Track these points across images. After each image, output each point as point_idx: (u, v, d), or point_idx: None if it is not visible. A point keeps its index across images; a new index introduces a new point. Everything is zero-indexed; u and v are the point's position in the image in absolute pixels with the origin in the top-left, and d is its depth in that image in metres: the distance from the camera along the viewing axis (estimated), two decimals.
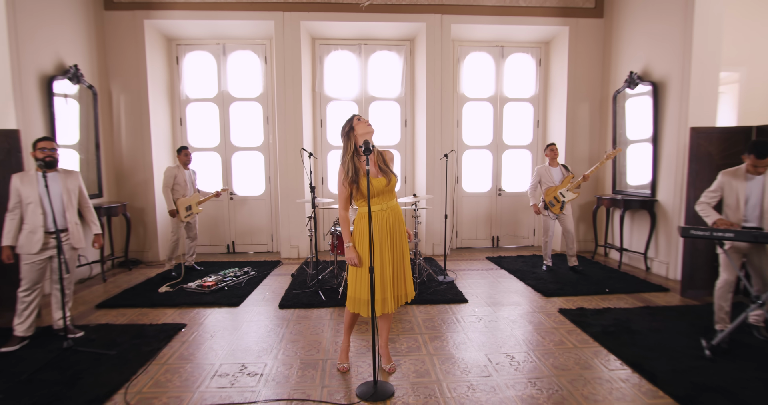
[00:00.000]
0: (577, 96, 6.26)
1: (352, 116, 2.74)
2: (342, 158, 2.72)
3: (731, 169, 3.30)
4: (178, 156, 5.28)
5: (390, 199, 2.71)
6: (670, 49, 4.95)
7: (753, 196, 3.17)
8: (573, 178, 5.02)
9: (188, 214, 5.20)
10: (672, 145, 4.98)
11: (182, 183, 5.18)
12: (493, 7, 6.02)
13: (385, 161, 2.71)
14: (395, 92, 6.59)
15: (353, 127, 2.68)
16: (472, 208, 6.86)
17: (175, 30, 6.05)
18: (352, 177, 2.63)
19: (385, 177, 2.66)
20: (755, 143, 3.04)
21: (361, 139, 2.64)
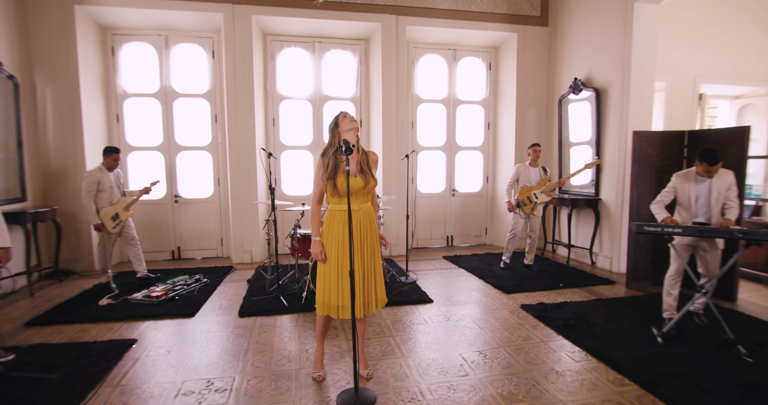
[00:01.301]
0: (525, 100, 6.53)
1: (338, 113, 2.69)
2: (324, 151, 2.63)
3: (683, 171, 3.59)
4: (104, 157, 4.68)
5: (365, 201, 2.64)
6: (611, 58, 5.30)
7: (702, 196, 3.49)
8: (549, 181, 5.20)
9: (117, 224, 4.72)
10: (613, 147, 5.33)
11: (108, 188, 4.63)
12: (446, 10, 6.12)
13: (368, 163, 2.64)
14: (350, 92, 6.50)
15: (338, 123, 2.64)
16: (427, 209, 6.93)
17: (111, 18, 5.55)
18: (330, 172, 2.55)
19: (363, 178, 2.59)
20: (706, 152, 3.32)
21: (344, 135, 2.59)
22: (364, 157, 2.63)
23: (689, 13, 6.33)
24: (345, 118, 2.62)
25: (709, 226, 3.14)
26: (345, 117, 2.63)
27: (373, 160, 2.70)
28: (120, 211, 4.75)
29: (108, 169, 4.72)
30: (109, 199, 4.66)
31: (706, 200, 3.50)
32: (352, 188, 2.54)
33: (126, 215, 4.82)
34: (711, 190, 3.45)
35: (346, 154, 2.28)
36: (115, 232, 4.73)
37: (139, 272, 4.94)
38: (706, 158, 3.32)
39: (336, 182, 2.53)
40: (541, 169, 5.34)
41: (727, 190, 3.43)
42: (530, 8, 6.42)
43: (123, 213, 4.78)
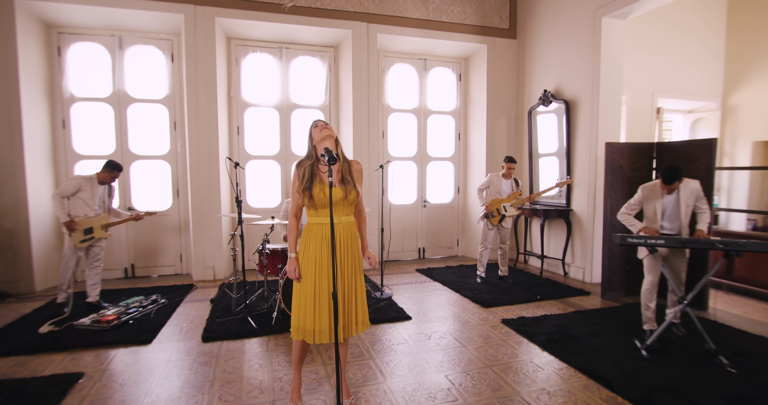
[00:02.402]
0: (495, 111, 6.54)
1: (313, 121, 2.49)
2: (299, 162, 2.42)
3: (649, 184, 3.60)
4: (103, 170, 4.32)
5: (346, 213, 2.42)
6: (580, 70, 5.38)
7: (668, 208, 3.51)
8: (519, 195, 5.15)
9: (86, 239, 4.26)
10: (584, 158, 5.38)
11: (88, 198, 4.20)
12: (417, 20, 6.06)
13: (350, 172, 2.43)
14: (319, 100, 6.28)
15: (311, 134, 2.44)
16: (399, 220, 6.77)
17: (57, 14, 5.09)
18: (306, 183, 2.33)
19: (343, 189, 2.37)
20: (664, 170, 3.36)
21: (319, 145, 2.38)
22: (346, 166, 2.43)
23: (646, 32, 6.58)
24: (316, 129, 2.42)
25: (689, 238, 3.14)
26: (316, 126, 2.43)
27: (356, 169, 2.49)
28: (96, 226, 4.30)
29: (100, 182, 4.34)
30: (85, 211, 4.22)
31: (672, 213, 3.52)
32: (333, 199, 2.32)
33: (101, 234, 4.37)
34: (679, 202, 3.48)
35: (329, 164, 2.07)
36: (81, 247, 4.26)
37: (90, 297, 4.45)
38: (664, 179, 3.37)
39: (312, 193, 2.31)
40: (513, 181, 5.31)
41: (696, 200, 3.46)
42: (499, 21, 6.47)
43: (99, 231, 4.34)
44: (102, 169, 4.35)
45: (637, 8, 4.79)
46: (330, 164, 2.06)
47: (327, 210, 2.33)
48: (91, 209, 4.31)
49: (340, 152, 2.43)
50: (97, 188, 4.32)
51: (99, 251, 4.41)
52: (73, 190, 4.22)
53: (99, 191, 4.36)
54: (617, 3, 4.80)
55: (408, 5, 6.00)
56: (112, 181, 4.42)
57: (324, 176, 2.37)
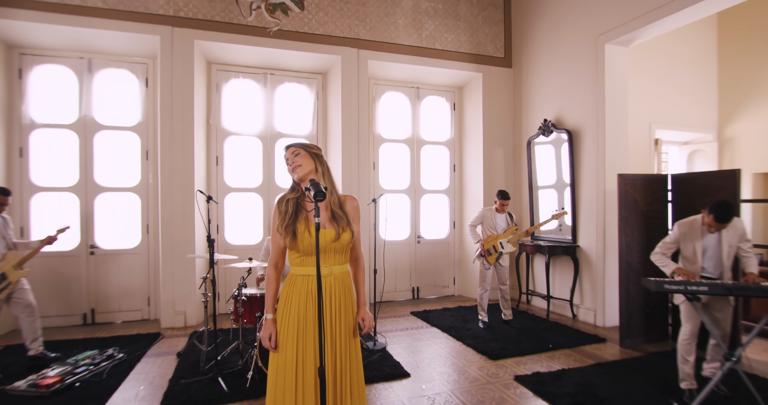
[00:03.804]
0: (492, 141, 6.22)
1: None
2: (280, 197, 1.95)
3: (687, 220, 3.20)
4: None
5: (339, 261, 1.93)
6: (582, 99, 5.11)
7: (710, 248, 3.09)
8: (516, 230, 4.73)
9: (2, 288, 3.66)
10: (590, 191, 5.02)
11: None
12: (410, 47, 5.80)
13: (341, 208, 1.96)
14: (305, 129, 5.89)
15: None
16: (391, 258, 6.26)
17: (19, 34, 4.67)
18: (289, 219, 1.85)
19: (335, 229, 1.90)
20: (718, 207, 2.93)
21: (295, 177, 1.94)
22: (335, 200, 1.96)
23: (641, 63, 6.42)
24: (287, 161, 1.98)
25: (738, 283, 2.71)
26: (286, 159, 1.99)
27: (352, 206, 2.02)
28: (8, 269, 3.68)
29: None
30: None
31: (714, 253, 3.11)
32: (320, 242, 1.84)
33: (17, 275, 3.75)
34: (721, 242, 3.07)
35: (316, 200, 1.61)
36: (1, 298, 3.65)
37: (31, 350, 3.80)
38: (718, 217, 2.92)
39: (296, 231, 1.83)
40: (508, 216, 4.91)
41: (740, 241, 3.06)
42: (494, 49, 6.26)
43: (13, 272, 3.72)
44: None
45: (640, 35, 4.58)
46: (317, 200, 1.59)
47: (312, 258, 1.85)
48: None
49: (330, 184, 1.97)
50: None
51: (24, 295, 3.79)
52: None
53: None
54: (620, 30, 4.58)
55: (400, 32, 5.75)
56: (2, 209, 3.82)
57: (312, 213, 1.90)
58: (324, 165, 1.97)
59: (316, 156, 1.95)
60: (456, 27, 6.03)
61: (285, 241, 1.85)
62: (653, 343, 4.31)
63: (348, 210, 1.98)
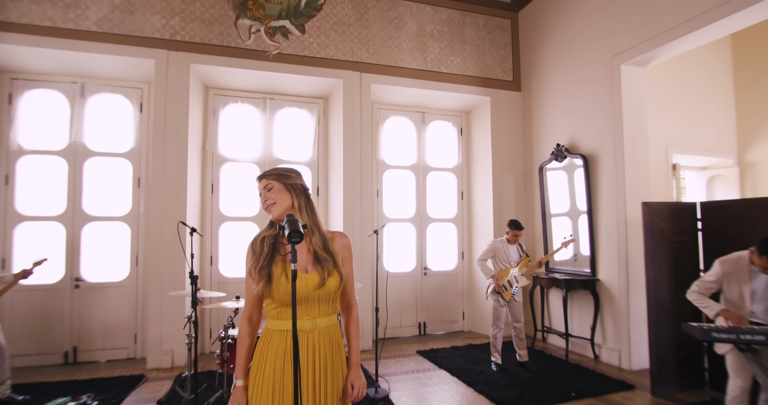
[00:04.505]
0: (501, 168, 5.92)
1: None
2: (254, 238, 1.64)
3: (731, 257, 2.82)
4: None
5: (325, 312, 1.59)
6: (598, 122, 4.83)
7: (760, 291, 2.70)
8: (529, 261, 4.37)
9: None
10: (610, 220, 4.67)
11: None
12: (415, 70, 5.60)
13: (325, 248, 1.63)
14: (306, 155, 5.64)
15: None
16: (396, 291, 5.87)
17: (10, 59, 4.52)
18: (264, 261, 1.54)
19: (319, 273, 1.57)
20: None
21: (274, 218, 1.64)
22: (319, 240, 1.63)
23: (656, 86, 6.16)
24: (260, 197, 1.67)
25: None
26: (260, 194, 1.68)
27: (342, 244, 1.70)
28: None
29: None
30: None
31: (766, 296, 2.72)
32: (300, 291, 1.53)
33: None
34: None
35: (291, 242, 1.29)
36: None
37: None
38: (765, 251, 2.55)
39: (272, 275, 1.52)
40: (518, 246, 4.55)
41: None
42: (502, 72, 6.05)
43: None
44: None
45: (658, 55, 4.33)
46: (292, 242, 1.28)
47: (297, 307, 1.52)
48: None
49: (311, 220, 1.65)
50: None
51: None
52: None
53: None
54: (635, 50, 4.34)
55: (405, 55, 5.57)
56: None
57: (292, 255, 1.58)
58: (303, 197, 1.65)
59: (294, 187, 1.64)
60: (462, 50, 5.85)
61: (259, 287, 1.52)
62: (689, 392, 3.84)
63: (336, 249, 1.66)
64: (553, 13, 5.52)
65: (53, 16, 4.38)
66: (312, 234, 1.62)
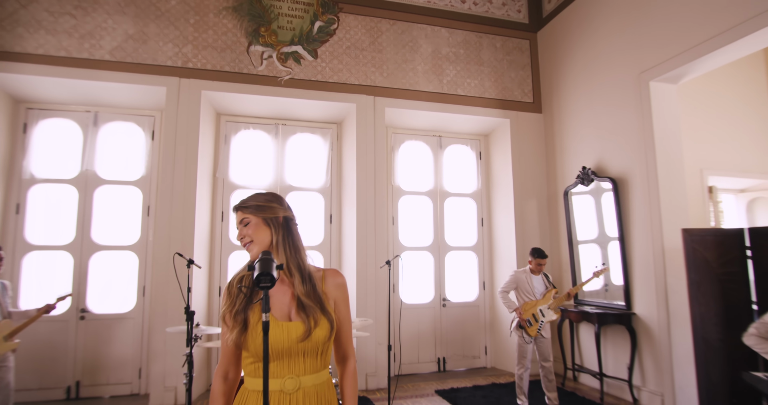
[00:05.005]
0: (523, 192, 5.62)
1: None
2: (230, 281, 1.41)
3: None
4: None
5: (313, 368, 1.34)
6: (627, 143, 4.52)
7: None
8: (556, 293, 4.02)
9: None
10: (644, 248, 4.29)
11: None
12: (430, 93, 5.44)
13: (313, 289, 1.38)
14: (319, 182, 5.47)
15: None
16: (413, 324, 5.53)
17: (28, 89, 4.56)
18: (240, 305, 1.32)
19: (304, 322, 1.33)
20: None
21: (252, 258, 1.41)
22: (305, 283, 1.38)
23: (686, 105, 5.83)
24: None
25: None
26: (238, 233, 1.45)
27: (335, 284, 1.46)
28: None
29: None
30: None
31: None
32: (280, 343, 1.29)
33: (6, 347, 3.32)
34: None
35: (260, 287, 1.06)
36: None
37: None
38: None
39: (248, 321, 1.29)
40: (544, 277, 4.20)
41: None
42: (521, 94, 5.84)
43: (2, 344, 3.29)
44: None
45: (689, 70, 4.05)
46: (262, 287, 1.05)
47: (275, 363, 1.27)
48: None
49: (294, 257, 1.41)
50: None
51: (4, 374, 3.30)
52: None
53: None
54: (665, 65, 4.07)
55: (420, 78, 5.43)
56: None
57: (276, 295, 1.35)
58: (284, 231, 1.42)
59: (273, 221, 1.41)
60: (479, 72, 5.68)
61: (233, 336, 1.28)
62: None
63: (328, 290, 1.42)
64: (574, 32, 5.33)
65: (68, 46, 4.42)
66: (295, 274, 1.38)
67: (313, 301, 1.35)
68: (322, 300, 1.37)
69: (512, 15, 5.95)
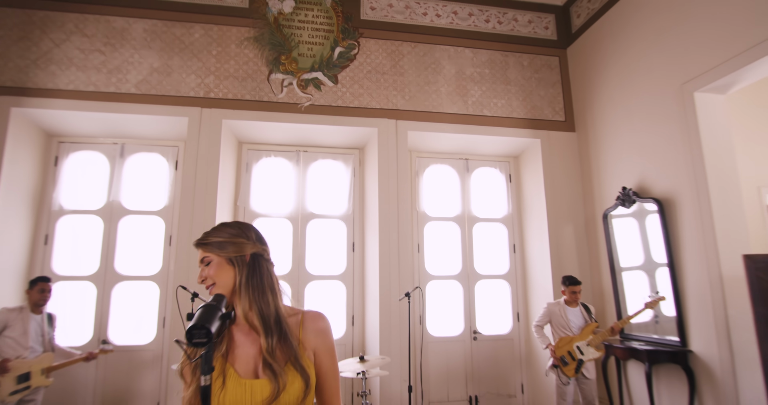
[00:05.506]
0: (558, 216, 5.24)
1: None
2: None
3: None
4: (28, 292, 3.60)
5: None
6: (671, 160, 4.13)
7: None
8: (597, 328, 3.61)
9: (19, 390, 3.20)
10: (699, 275, 3.82)
11: (18, 335, 3.36)
12: (454, 115, 5.25)
13: (283, 344, 1.17)
14: (341, 209, 5.32)
15: None
16: (441, 358, 5.17)
17: (60, 124, 4.72)
18: (197, 365, 1.15)
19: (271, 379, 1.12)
20: None
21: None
22: (274, 337, 1.17)
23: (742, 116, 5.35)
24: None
25: None
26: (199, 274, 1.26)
27: (316, 330, 1.25)
28: (36, 371, 3.30)
29: (34, 306, 3.52)
30: (18, 352, 3.28)
31: None
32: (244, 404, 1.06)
33: (40, 382, 3.34)
34: None
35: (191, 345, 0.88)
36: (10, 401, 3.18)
37: None
38: None
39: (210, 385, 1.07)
40: (582, 308, 3.79)
41: None
42: (552, 112, 5.55)
43: (38, 377, 3.33)
44: (28, 292, 3.55)
45: (738, 79, 3.68)
46: (194, 344, 0.86)
47: None
48: (24, 349, 3.32)
49: (258, 303, 1.20)
50: (29, 320, 3.40)
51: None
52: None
53: (33, 324, 3.41)
54: (710, 74, 3.71)
55: (443, 100, 5.26)
56: (44, 300, 3.50)
57: (242, 347, 1.15)
58: (248, 270, 1.22)
59: (238, 260, 1.22)
60: (506, 91, 5.45)
61: (188, 393, 1.10)
62: None
63: (308, 338, 1.21)
64: (606, 46, 5.04)
65: (97, 81, 4.56)
66: (257, 325, 1.17)
67: (283, 356, 1.14)
68: (296, 353, 1.15)
69: (539, 32, 5.74)
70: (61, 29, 4.60)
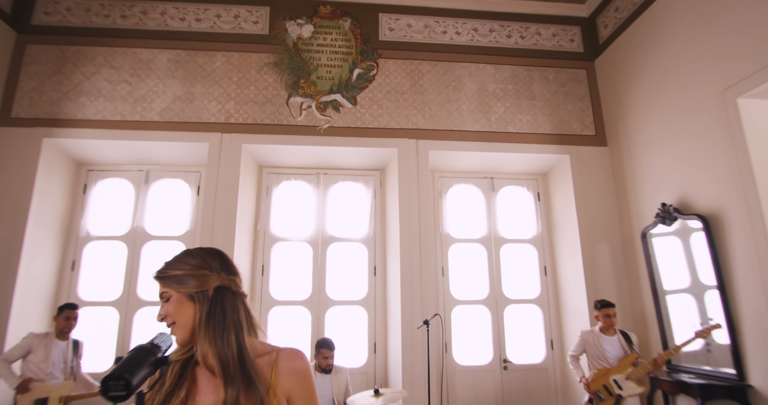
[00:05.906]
0: (592, 236, 4.91)
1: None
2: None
3: None
4: (55, 318, 3.67)
5: None
6: (715, 173, 3.79)
7: None
8: (638, 359, 3.27)
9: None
10: (755, 298, 3.42)
11: (39, 361, 3.37)
12: (477, 132, 5.08)
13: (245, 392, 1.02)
14: (362, 231, 5.19)
15: None
16: (469, 388, 4.84)
17: (88, 153, 4.87)
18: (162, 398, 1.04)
19: None
20: None
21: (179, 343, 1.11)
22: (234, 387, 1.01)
23: None
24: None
25: None
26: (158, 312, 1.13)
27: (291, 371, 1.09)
28: (54, 398, 3.30)
29: (60, 333, 3.55)
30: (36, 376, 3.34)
31: None
32: None
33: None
34: None
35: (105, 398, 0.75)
36: None
37: None
38: None
39: None
40: (621, 336, 3.44)
41: None
42: (581, 127, 5.29)
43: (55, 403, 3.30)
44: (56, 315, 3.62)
45: None
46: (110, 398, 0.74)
47: None
48: (45, 374, 3.31)
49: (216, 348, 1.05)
50: (53, 347, 3.41)
51: None
52: (22, 352, 3.37)
53: (56, 351, 3.40)
54: (754, 78, 3.41)
55: (465, 117, 5.11)
56: (70, 327, 3.51)
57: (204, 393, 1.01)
58: (211, 306, 1.08)
59: (200, 296, 1.09)
60: (531, 106, 5.25)
61: None
62: None
63: (281, 380, 1.06)
64: (637, 56, 4.79)
65: (123, 110, 4.69)
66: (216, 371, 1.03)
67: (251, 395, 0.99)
68: (262, 400, 1.00)
69: (565, 45, 5.54)
70: (91, 62, 4.80)
